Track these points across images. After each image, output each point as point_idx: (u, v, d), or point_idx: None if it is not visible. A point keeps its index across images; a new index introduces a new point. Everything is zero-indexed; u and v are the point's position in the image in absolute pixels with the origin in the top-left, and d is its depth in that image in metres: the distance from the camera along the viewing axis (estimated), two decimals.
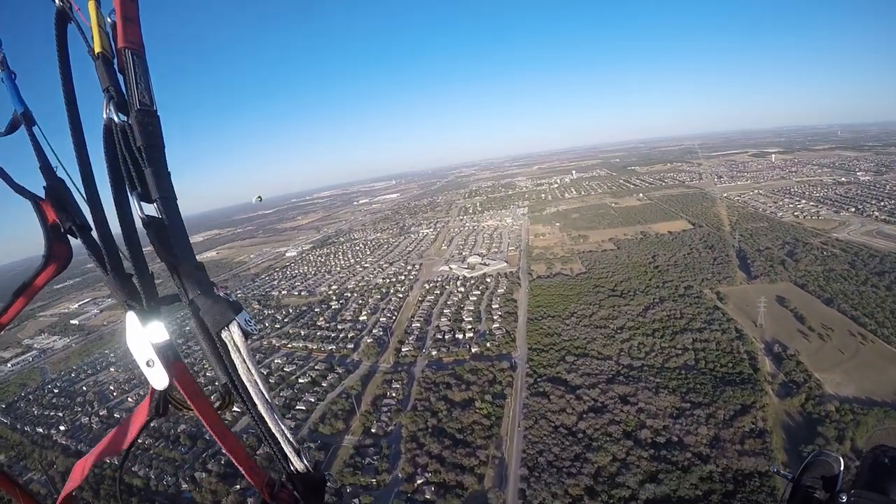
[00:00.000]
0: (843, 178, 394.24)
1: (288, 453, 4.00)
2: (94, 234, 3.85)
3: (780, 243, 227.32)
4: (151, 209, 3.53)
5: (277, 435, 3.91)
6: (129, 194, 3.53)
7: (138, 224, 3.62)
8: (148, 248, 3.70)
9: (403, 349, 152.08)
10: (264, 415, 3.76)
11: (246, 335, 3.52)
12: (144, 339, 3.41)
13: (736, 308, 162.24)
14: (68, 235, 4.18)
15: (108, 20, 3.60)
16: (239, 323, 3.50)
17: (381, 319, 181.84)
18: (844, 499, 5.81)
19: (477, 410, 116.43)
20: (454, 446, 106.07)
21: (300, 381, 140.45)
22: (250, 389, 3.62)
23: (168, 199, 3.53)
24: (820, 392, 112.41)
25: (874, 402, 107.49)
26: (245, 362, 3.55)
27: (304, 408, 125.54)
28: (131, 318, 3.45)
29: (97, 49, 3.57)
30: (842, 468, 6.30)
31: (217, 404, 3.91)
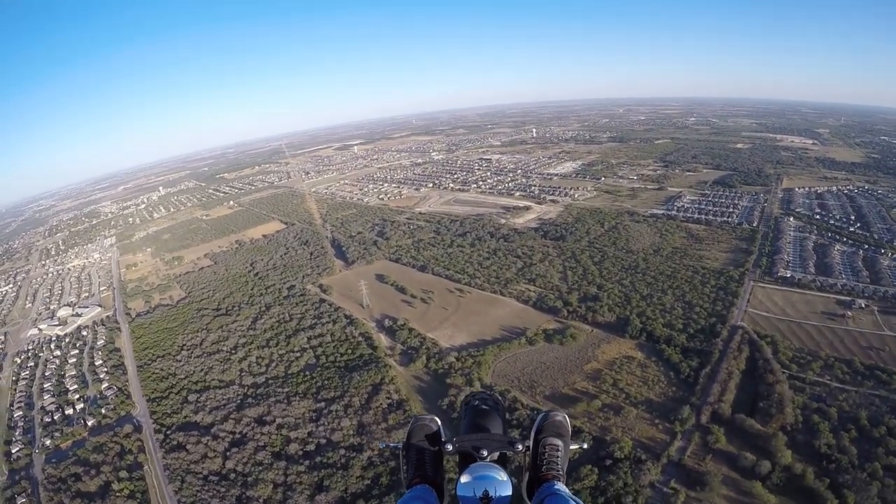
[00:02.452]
0: (419, 160, 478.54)
1: None
2: None
3: (370, 226, 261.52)
4: None
5: None
6: None
7: None
8: None
9: (14, 450, 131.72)
10: None
11: None
12: None
13: (341, 296, 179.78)
14: None
15: None
16: None
17: None
18: (450, 447, 7.84)
19: (118, 494, 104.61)
20: None
21: None
22: None
23: None
24: (438, 349, 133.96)
25: (486, 341, 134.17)
26: None
27: None
28: None
29: None
30: (440, 425, 8.47)
31: None
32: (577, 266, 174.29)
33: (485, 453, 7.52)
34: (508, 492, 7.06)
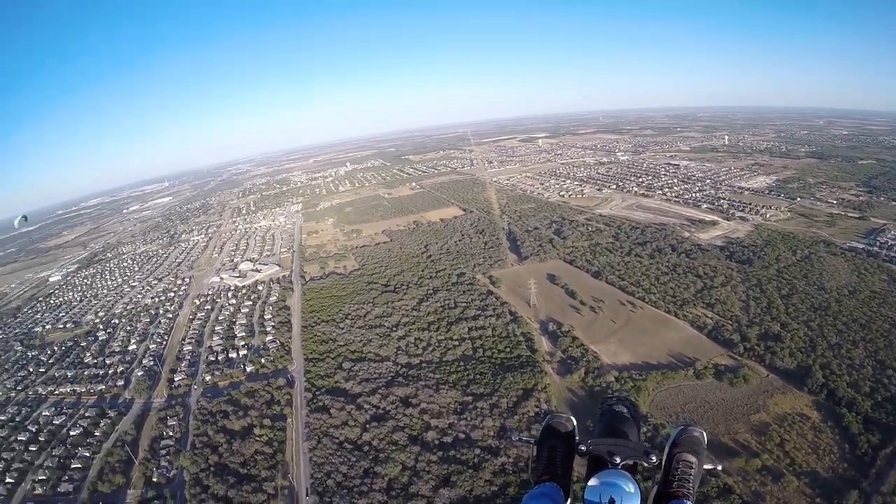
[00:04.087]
0: (604, 159, 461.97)
1: None
2: None
3: (547, 223, 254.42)
4: None
5: None
6: None
7: None
8: None
9: (176, 378, 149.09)
10: None
11: None
12: None
13: (509, 290, 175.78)
14: None
15: None
16: None
17: (150, 347, 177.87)
18: (584, 448, 7.84)
19: (257, 438, 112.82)
20: (239, 483, 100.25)
21: (72, 433, 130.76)
22: None
23: None
24: (598, 364, 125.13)
25: (651, 365, 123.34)
26: None
27: (79, 465, 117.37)
28: None
29: None
30: (574, 425, 8.65)
31: None
32: (762, 297, 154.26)
33: (617, 460, 7.44)
34: (635, 502, 6.68)
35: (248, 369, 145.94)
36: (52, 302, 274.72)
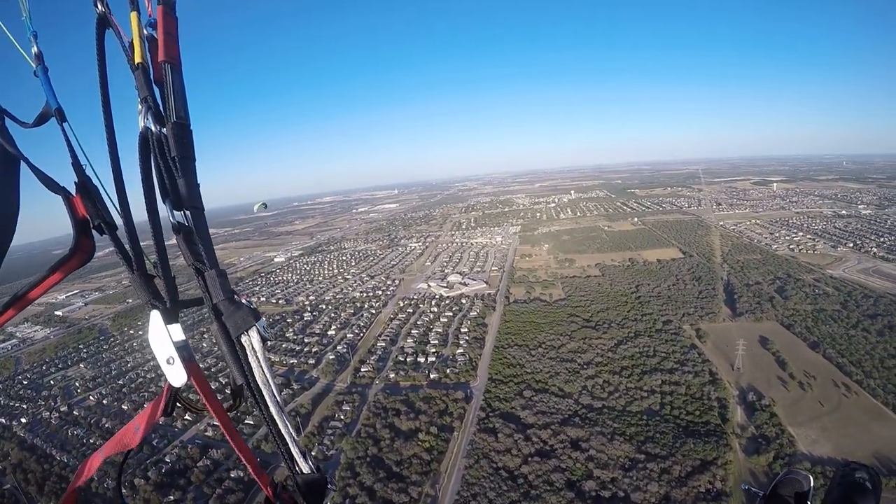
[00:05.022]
0: (843, 211, 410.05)
1: (294, 454, 4.59)
2: (121, 233, 4.48)
3: (770, 278, 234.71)
4: (180, 216, 4.24)
5: (286, 436, 4.46)
6: (161, 201, 4.22)
7: (165, 228, 4.27)
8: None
9: (363, 369, 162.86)
10: (275, 416, 4.36)
11: (263, 340, 4.20)
12: (166, 337, 4.10)
13: (714, 348, 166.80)
14: (95, 231, 4.65)
15: (145, 32, 4.35)
16: (258, 329, 4.18)
17: (348, 336, 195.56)
18: None
19: (420, 443, 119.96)
20: (388, 479, 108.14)
21: None
22: (264, 392, 4.24)
23: (198, 209, 4.26)
24: (792, 450, 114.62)
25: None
26: (261, 366, 4.19)
27: (251, 422, 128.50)
28: (155, 316, 4.12)
29: (137, 60, 4.26)
30: (811, 485, 7.30)
31: (227, 405, 4.77)
32: None
33: None
34: None
35: (432, 376, 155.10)
36: (271, 279, 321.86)
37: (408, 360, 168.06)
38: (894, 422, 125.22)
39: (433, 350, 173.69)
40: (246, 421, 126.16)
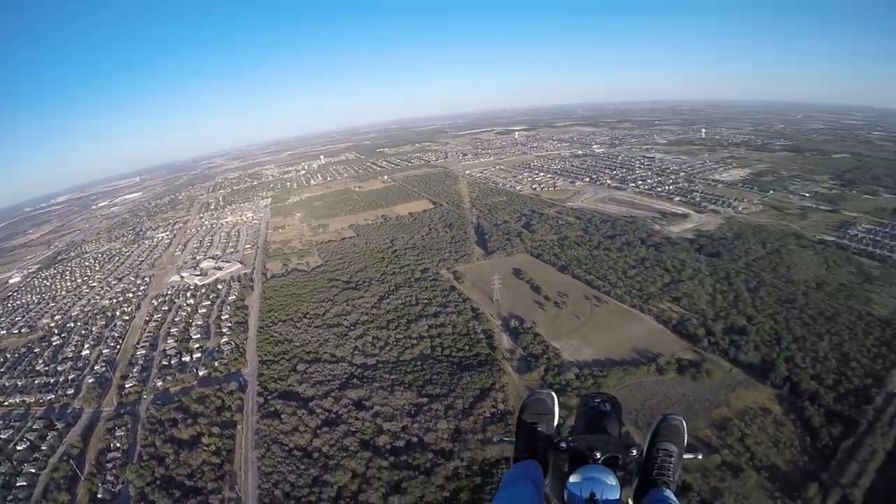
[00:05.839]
0: (580, 151, 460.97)
1: None
2: None
3: (517, 216, 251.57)
4: None
5: None
6: None
7: None
8: None
9: (127, 385, 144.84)
10: None
11: None
12: None
13: (472, 286, 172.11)
14: None
15: None
16: None
17: (104, 352, 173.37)
18: (564, 445, 7.62)
19: (205, 448, 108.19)
20: (185, 497, 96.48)
21: (18, 448, 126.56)
22: None
23: None
24: (559, 361, 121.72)
25: (613, 361, 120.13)
26: None
27: (25, 483, 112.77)
28: None
29: None
30: (555, 400, 9.09)
31: None
32: (729, 290, 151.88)
33: (598, 454, 7.37)
34: (616, 496, 6.78)
35: (201, 373, 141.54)
36: (9, 305, 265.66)
37: (172, 362, 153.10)
38: (641, 319, 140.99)
39: (197, 345, 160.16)
40: None
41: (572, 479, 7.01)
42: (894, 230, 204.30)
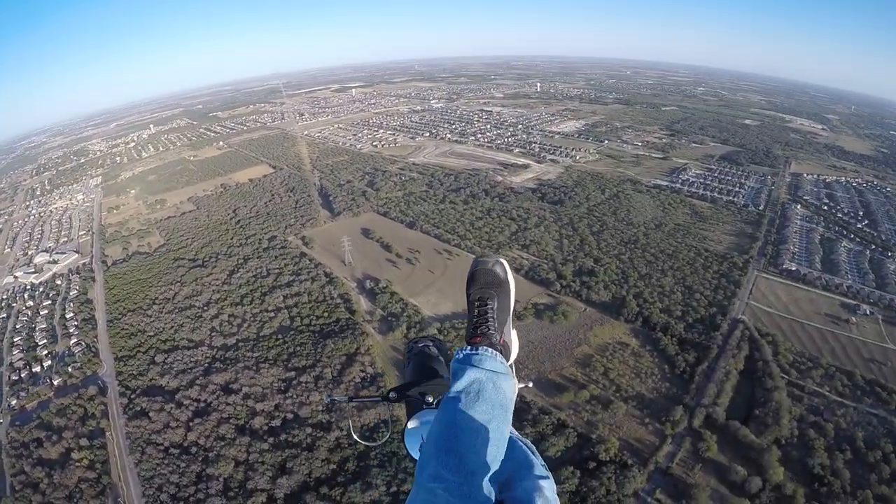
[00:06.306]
0: (418, 107, 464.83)
1: None
2: None
3: (360, 175, 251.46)
4: None
5: None
6: None
7: None
8: None
9: None
10: None
11: None
12: None
13: (323, 250, 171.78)
14: None
15: None
16: None
17: None
18: (395, 395, 7.90)
19: (78, 464, 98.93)
20: None
21: None
22: None
23: None
24: (420, 318, 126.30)
25: None
26: None
27: None
28: None
29: None
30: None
31: None
32: (574, 235, 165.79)
33: (430, 399, 7.61)
34: None
35: (56, 383, 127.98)
36: None
37: (23, 375, 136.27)
38: None
39: (45, 352, 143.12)
40: None
41: (410, 425, 7.45)
42: (721, 174, 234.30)
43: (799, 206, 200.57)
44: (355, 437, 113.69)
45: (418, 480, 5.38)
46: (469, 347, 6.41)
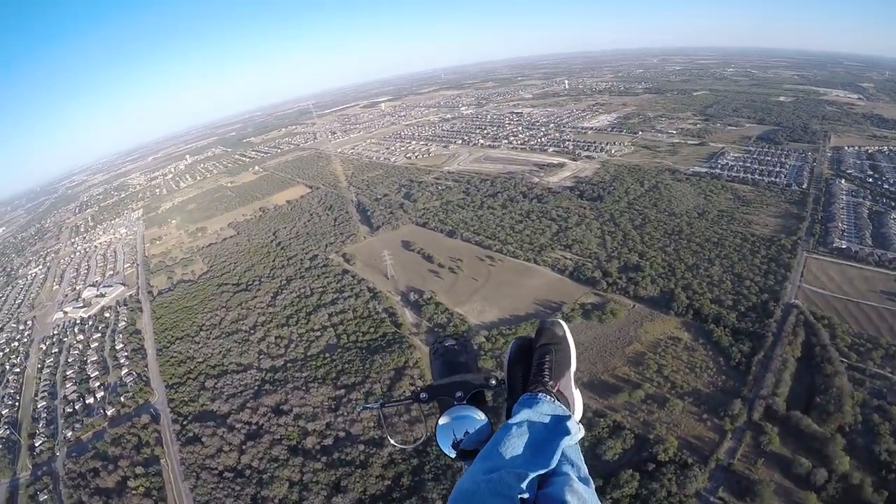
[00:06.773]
0: (448, 115, 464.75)
1: None
2: None
3: (396, 188, 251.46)
4: None
5: None
6: None
7: None
8: None
9: (37, 444, 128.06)
10: None
11: None
12: None
13: (365, 265, 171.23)
14: None
15: None
16: None
17: (3, 413, 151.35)
18: (425, 395, 7.79)
19: (134, 491, 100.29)
20: None
21: None
22: None
23: None
24: (466, 326, 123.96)
25: (519, 317, 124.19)
26: None
27: None
28: None
29: None
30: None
31: None
32: (617, 230, 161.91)
33: (460, 394, 7.59)
34: (487, 426, 7.16)
35: (109, 413, 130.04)
36: None
37: (77, 407, 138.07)
38: (538, 271, 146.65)
39: (98, 384, 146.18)
40: None
41: (441, 422, 7.27)
42: (760, 155, 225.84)
43: (843, 181, 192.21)
44: (392, 441, 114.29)
45: (472, 469, 5.87)
46: (527, 394, 6.85)
